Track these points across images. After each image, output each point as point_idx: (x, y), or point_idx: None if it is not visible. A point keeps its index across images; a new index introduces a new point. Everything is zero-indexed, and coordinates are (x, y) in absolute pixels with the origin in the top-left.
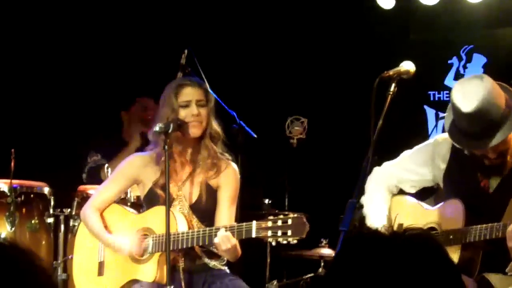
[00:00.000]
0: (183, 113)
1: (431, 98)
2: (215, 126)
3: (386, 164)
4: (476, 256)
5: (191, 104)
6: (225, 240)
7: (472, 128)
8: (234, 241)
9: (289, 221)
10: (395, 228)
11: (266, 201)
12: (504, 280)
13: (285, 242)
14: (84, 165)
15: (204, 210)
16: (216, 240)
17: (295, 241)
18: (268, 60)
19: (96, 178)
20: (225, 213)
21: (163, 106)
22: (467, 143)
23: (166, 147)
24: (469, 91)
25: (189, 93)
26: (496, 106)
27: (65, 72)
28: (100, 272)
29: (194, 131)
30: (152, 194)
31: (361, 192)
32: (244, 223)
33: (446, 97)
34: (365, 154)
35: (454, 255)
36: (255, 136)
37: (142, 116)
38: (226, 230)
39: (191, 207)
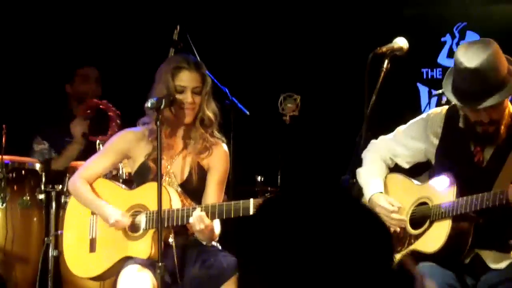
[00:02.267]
0: (177, 97)
1: (424, 76)
2: (209, 111)
3: (381, 138)
4: (467, 229)
5: (186, 90)
6: (199, 220)
7: (469, 86)
8: (208, 221)
9: None
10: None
11: (259, 178)
12: (497, 256)
13: None
14: (31, 153)
15: (194, 190)
16: (190, 220)
17: None
18: (261, 37)
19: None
20: (212, 195)
21: (158, 82)
22: (461, 100)
23: (158, 122)
24: (474, 50)
25: (186, 79)
26: (497, 70)
27: (56, 45)
28: (92, 249)
29: (186, 118)
30: (143, 168)
31: (354, 169)
32: (241, 201)
33: (439, 74)
34: (359, 130)
35: (445, 228)
36: (248, 112)
37: (84, 89)
38: (201, 210)
39: (181, 185)
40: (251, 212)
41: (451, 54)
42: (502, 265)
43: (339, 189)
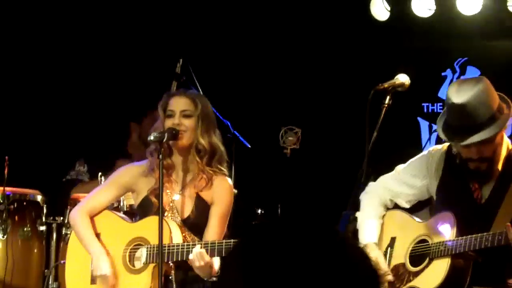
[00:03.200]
0: (167, 123)
1: (425, 110)
2: (203, 140)
3: (381, 179)
4: (466, 267)
5: (174, 113)
6: (199, 257)
7: (459, 121)
8: (208, 258)
9: None
10: (386, 242)
11: (259, 211)
12: None
13: None
14: (68, 170)
15: (196, 224)
16: (190, 256)
17: None
18: (263, 70)
19: (67, 192)
20: (213, 230)
21: (157, 117)
22: (449, 136)
23: (161, 156)
24: (465, 87)
25: (174, 103)
26: (486, 107)
27: (59, 80)
28: (93, 281)
29: (179, 142)
30: (146, 202)
31: (355, 203)
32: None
33: (440, 109)
34: (359, 165)
35: (444, 266)
36: (249, 145)
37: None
38: (201, 247)
39: (183, 220)
40: None
41: None
42: None
43: (328, 225)
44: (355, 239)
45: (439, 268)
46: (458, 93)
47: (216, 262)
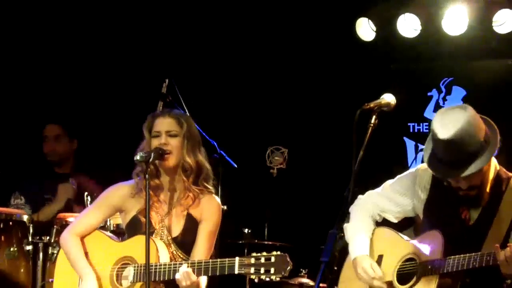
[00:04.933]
0: (153, 143)
1: (411, 130)
2: (189, 159)
3: (369, 193)
4: (453, 287)
5: (160, 134)
6: (185, 277)
7: (447, 156)
8: (195, 278)
9: (272, 259)
10: (374, 260)
11: (246, 230)
12: None
13: (267, 279)
14: (8, 206)
15: (187, 243)
16: (177, 276)
17: (277, 279)
18: (250, 90)
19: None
20: (202, 247)
21: (143, 138)
22: (440, 170)
23: (147, 175)
24: (450, 119)
25: (160, 123)
26: (474, 138)
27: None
28: None
29: (166, 162)
30: (135, 222)
31: (342, 222)
32: (227, 259)
33: (426, 129)
34: (346, 184)
35: (432, 285)
36: (236, 165)
37: (48, 150)
38: (188, 266)
39: (173, 239)
40: (236, 271)
41: (437, 108)
42: None
43: None
44: (343, 257)
45: (426, 287)
46: (443, 127)
47: (203, 280)
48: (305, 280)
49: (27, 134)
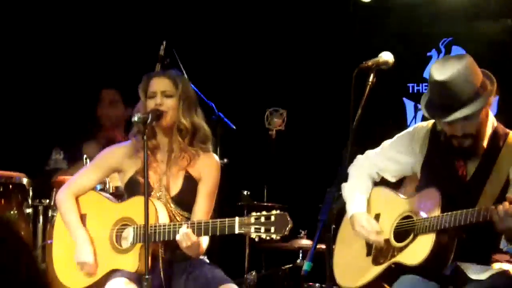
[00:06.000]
0: (149, 104)
1: (410, 91)
2: (185, 120)
3: (368, 152)
4: (450, 243)
5: (156, 94)
6: (185, 238)
7: (442, 99)
8: (195, 238)
9: (272, 218)
10: (372, 217)
11: (245, 192)
12: (478, 268)
13: (268, 238)
14: (47, 160)
15: (186, 202)
16: (177, 237)
17: (278, 238)
18: (248, 52)
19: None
20: (202, 207)
21: (139, 100)
22: (435, 113)
23: (145, 137)
24: (448, 64)
25: (155, 84)
26: (469, 83)
27: (40, 63)
28: None
29: (162, 121)
30: (133, 182)
31: (340, 182)
32: (227, 219)
33: (425, 89)
34: (345, 144)
35: (429, 242)
36: (234, 127)
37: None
38: (188, 227)
39: (172, 198)
40: (237, 231)
41: None
42: (483, 276)
43: None
44: (341, 217)
45: (424, 244)
46: (441, 70)
47: (204, 241)
48: (304, 241)
49: (85, 95)
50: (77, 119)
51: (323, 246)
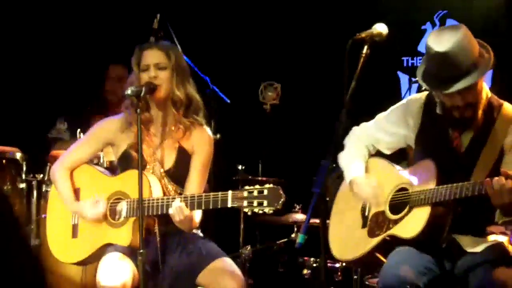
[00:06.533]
0: (143, 77)
1: (405, 64)
2: (179, 92)
3: (363, 124)
4: (446, 216)
5: (149, 67)
6: (178, 211)
7: (441, 71)
8: (188, 212)
9: (265, 192)
10: None
11: (240, 167)
12: (473, 241)
13: (260, 212)
14: (50, 129)
15: (179, 175)
16: (170, 211)
17: (271, 211)
18: (241, 26)
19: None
20: (195, 180)
21: (131, 72)
22: (433, 85)
23: (139, 110)
24: (445, 35)
25: (148, 56)
26: (467, 53)
27: (35, 37)
28: (75, 235)
29: (156, 93)
30: (126, 156)
31: (334, 154)
32: (220, 193)
33: (420, 63)
34: (339, 117)
35: (424, 215)
36: (229, 101)
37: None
38: (181, 201)
39: (166, 172)
40: (229, 204)
41: None
42: (478, 249)
43: None
44: (336, 189)
45: (419, 217)
46: (438, 41)
47: (197, 215)
48: (299, 215)
49: (94, 71)
50: (81, 93)
51: (318, 221)
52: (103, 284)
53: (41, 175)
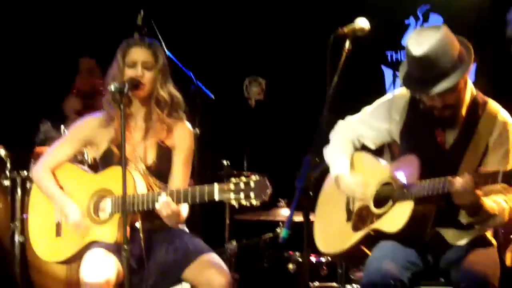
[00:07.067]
0: (128, 73)
1: (389, 58)
2: (163, 92)
3: (348, 119)
4: (429, 211)
5: (136, 65)
6: (165, 206)
7: (421, 73)
8: (175, 206)
9: (252, 184)
10: None
11: (225, 162)
12: (457, 234)
13: (247, 204)
14: (37, 133)
15: (161, 171)
16: (157, 206)
17: (258, 203)
18: (225, 22)
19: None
20: (178, 175)
21: (113, 65)
22: (415, 87)
23: (122, 106)
24: (424, 37)
25: (136, 54)
26: (447, 55)
27: (19, 34)
28: (58, 233)
29: (140, 93)
30: (108, 154)
31: (317, 148)
32: (206, 185)
33: (404, 57)
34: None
35: (408, 210)
36: (213, 97)
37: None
38: (167, 195)
39: (148, 168)
40: (216, 197)
41: None
42: (462, 242)
43: None
44: (318, 185)
45: (402, 211)
46: (418, 44)
47: (184, 209)
48: (284, 210)
49: (63, 65)
50: (56, 89)
51: (301, 219)
52: (87, 280)
53: (25, 172)
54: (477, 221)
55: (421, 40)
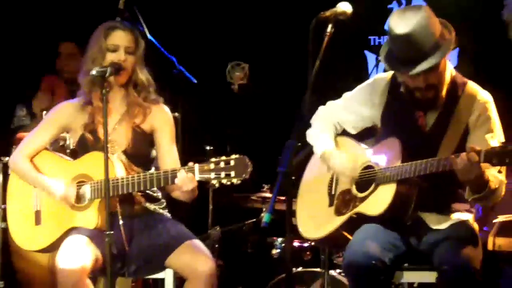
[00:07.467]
0: (110, 57)
1: (372, 43)
2: (142, 75)
3: (329, 104)
4: (411, 193)
5: (119, 49)
6: (187, 182)
7: (403, 52)
8: (196, 183)
9: (232, 162)
10: None
11: (208, 147)
12: (438, 218)
13: (228, 183)
14: (12, 118)
15: (137, 155)
16: (177, 181)
17: (238, 182)
18: (208, 6)
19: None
20: (169, 154)
21: (92, 46)
22: (395, 66)
23: (104, 91)
24: (406, 16)
25: (119, 38)
26: (429, 34)
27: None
28: (38, 221)
29: (120, 78)
30: (83, 139)
31: (299, 132)
32: (186, 167)
33: None
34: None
35: (390, 192)
36: (196, 81)
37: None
38: (186, 172)
39: (124, 152)
40: (197, 178)
41: None
42: (443, 226)
43: None
44: (301, 170)
45: (385, 194)
46: (400, 23)
47: None
48: (267, 194)
49: (43, 50)
50: (37, 74)
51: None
52: (61, 267)
53: (6, 158)
54: (483, 197)
55: (403, 19)
